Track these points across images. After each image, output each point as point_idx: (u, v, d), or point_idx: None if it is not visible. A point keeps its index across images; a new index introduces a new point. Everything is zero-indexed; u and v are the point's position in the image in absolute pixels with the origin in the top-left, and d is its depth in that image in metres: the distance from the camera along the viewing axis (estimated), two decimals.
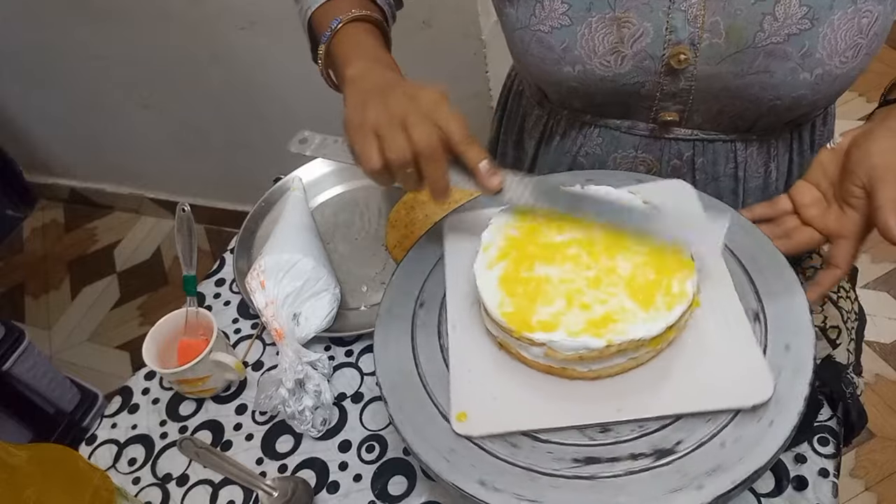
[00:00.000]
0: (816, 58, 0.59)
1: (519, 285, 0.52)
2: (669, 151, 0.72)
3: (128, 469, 0.71)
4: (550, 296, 0.51)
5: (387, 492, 0.64)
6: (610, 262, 0.52)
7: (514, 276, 0.53)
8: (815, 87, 0.61)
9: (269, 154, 1.75)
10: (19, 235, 2.31)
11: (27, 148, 2.16)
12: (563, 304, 0.51)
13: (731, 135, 0.70)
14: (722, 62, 0.62)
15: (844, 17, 0.58)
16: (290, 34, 1.40)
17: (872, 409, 1.47)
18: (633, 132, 0.72)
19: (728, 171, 0.73)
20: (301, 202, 0.87)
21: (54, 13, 1.61)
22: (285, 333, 0.71)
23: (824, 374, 0.60)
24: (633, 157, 0.73)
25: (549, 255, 0.54)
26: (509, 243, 0.56)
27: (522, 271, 0.53)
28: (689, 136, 0.70)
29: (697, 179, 0.73)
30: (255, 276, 0.74)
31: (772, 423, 0.47)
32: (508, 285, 0.53)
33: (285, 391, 0.67)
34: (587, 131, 0.75)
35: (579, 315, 0.50)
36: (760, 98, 0.63)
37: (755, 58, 0.60)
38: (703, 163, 0.72)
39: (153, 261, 2.13)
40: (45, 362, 1.52)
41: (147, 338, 0.72)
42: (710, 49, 0.61)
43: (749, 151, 0.71)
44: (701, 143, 0.71)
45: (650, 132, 0.71)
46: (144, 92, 1.74)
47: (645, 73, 0.65)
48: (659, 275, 0.51)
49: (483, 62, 1.30)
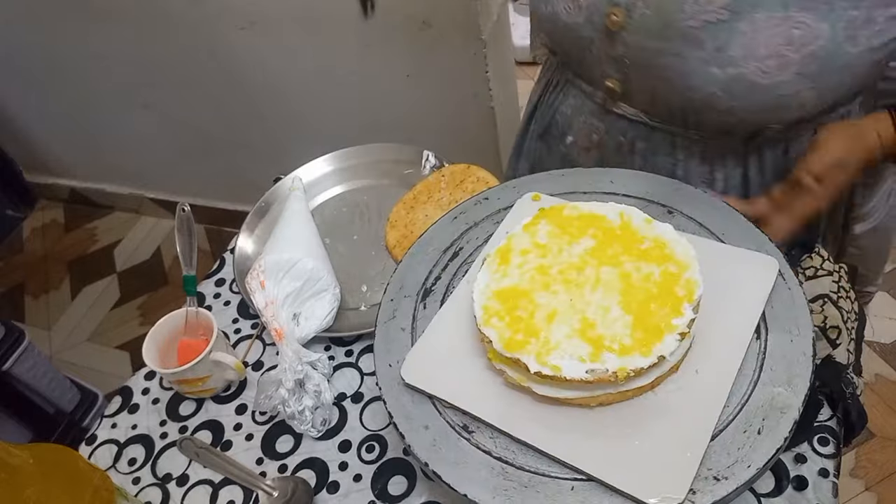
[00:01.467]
0: (729, 55, 0.58)
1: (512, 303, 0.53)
2: (616, 127, 0.74)
3: (128, 469, 0.71)
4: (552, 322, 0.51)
5: (387, 492, 0.64)
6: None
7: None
8: (728, 88, 0.60)
9: (269, 154, 1.75)
10: (19, 235, 2.31)
11: (27, 148, 2.16)
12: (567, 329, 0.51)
13: (672, 126, 0.70)
14: (650, 36, 0.62)
15: (771, 20, 0.55)
16: (290, 34, 1.41)
17: (872, 409, 1.47)
18: (593, 98, 0.74)
19: (667, 164, 0.73)
20: (301, 202, 0.87)
21: (54, 13, 1.61)
22: (285, 333, 0.71)
23: (824, 374, 0.60)
24: (589, 123, 0.76)
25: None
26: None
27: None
28: (634, 117, 0.71)
29: (636, 164, 0.75)
30: (255, 276, 0.74)
31: (751, 447, 0.46)
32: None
33: (285, 391, 0.67)
34: (566, 88, 0.78)
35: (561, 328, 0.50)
36: (676, 86, 0.63)
37: (674, 38, 0.60)
38: (643, 148, 0.73)
39: (153, 261, 2.13)
40: (45, 362, 1.52)
41: (147, 338, 0.72)
42: (641, 19, 0.62)
43: (691, 152, 0.71)
44: (644, 126, 0.71)
45: (603, 101, 0.73)
46: (144, 92, 1.74)
47: (594, 28, 0.66)
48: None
49: (483, 62, 1.30)
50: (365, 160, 0.94)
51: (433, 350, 0.56)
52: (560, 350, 0.49)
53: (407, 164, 0.91)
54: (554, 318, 0.51)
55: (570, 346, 0.49)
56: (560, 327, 0.50)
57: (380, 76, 1.39)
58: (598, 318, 0.50)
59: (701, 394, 0.50)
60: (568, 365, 0.48)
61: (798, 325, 0.52)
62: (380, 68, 1.37)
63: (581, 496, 0.47)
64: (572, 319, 0.50)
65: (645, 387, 0.50)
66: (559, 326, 0.50)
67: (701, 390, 0.50)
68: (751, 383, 0.50)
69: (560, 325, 0.50)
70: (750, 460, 0.46)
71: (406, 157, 0.92)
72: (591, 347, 0.49)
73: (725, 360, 0.51)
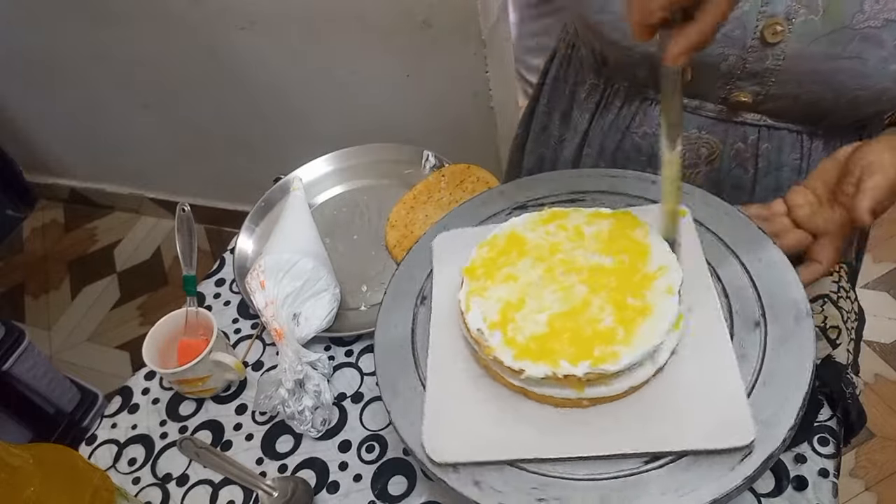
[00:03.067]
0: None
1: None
2: (734, 134, 0.70)
3: (128, 469, 0.71)
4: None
5: (387, 492, 0.64)
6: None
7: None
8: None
9: (269, 154, 1.75)
10: (19, 235, 2.31)
11: (27, 148, 2.16)
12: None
13: (799, 125, 0.68)
14: (815, 42, 0.59)
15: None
16: (290, 34, 1.41)
17: (872, 409, 1.47)
18: (699, 112, 0.70)
19: (792, 161, 0.71)
20: (301, 202, 0.87)
21: (54, 14, 1.61)
22: (285, 333, 0.71)
23: (824, 374, 0.60)
24: (696, 137, 0.71)
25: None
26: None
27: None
28: (757, 122, 0.68)
29: (760, 167, 0.71)
30: (255, 276, 0.74)
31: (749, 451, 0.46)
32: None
33: (285, 391, 0.67)
34: (647, 108, 0.72)
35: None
36: (845, 86, 0.61)
37: (850, 40, 0.58)
38: (767, 149, 0.70)
39: (153, 261, 2.13)
40: (45, 362, 1.52)
41: (147, 338, 0.72)
42: (804, 25, 0.59)
43: (815, 144, 0.70)
44: (767, 129, 0.69)
45: (717, 113, 0.69)
46: (144, 92, 1.74)
47: (732, 44, 0.62)
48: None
49: (483, 62, 1.30)
50: (365, 160, 0.94)
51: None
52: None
53: (407, 164, 0.91)
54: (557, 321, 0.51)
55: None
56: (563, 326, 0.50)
57: (380, 76, 1.39)
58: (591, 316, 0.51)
59: (707, 350, 0.51)
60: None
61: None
62: (380, 68, 1.37)
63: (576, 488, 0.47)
64: (570, 320, 0.51)
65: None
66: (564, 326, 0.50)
67: (703, 347, 0.51)
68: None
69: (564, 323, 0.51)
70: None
71: (406, 157, 0.92)
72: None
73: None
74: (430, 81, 1.37)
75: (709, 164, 0.73)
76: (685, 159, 0.73)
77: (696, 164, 0.73)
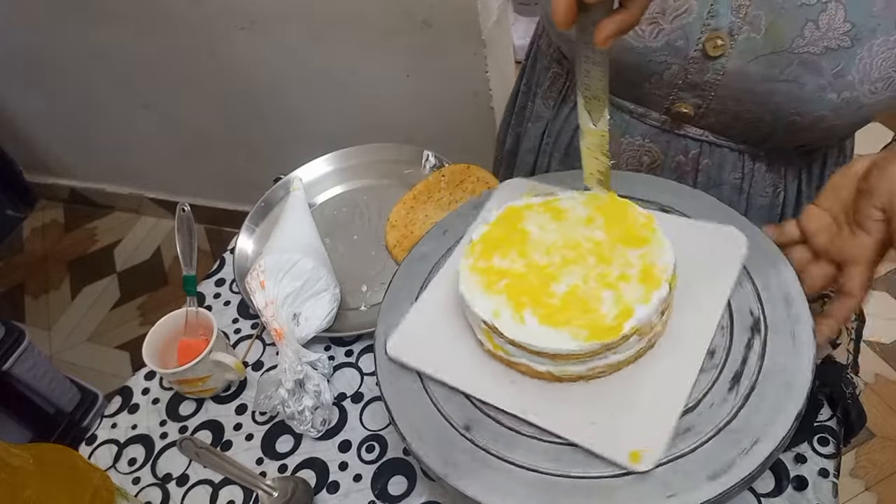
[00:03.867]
0: (848, 80, 0.58)
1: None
2: (676, 146, 0.71)
3: (128, 469, 0.71)
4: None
5: (387, 492, 0.64)
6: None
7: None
8: (838, 110, 0.60)
9: (269, 154, 1.75)
10: (19, 235, 2.32)
11: (27, 148, 2.16)
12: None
13: (741, 144, 0.69)
14: (755, 60, 0.60)
15: (885, 44, 0.56)
16: (290, 34, 1.41)
17: (872, 409, 1.47)
18: (644, 120, 0.71)
19: (733, 179, 0.71)
20: (301, 202, 0.87)
21: (54, 14, 1.61)
22: (285, 333, 0.71)
23: (824, 374, 0.60)
24: (640, 145, 0.72)
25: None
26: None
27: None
28: (699, 136, 0.69)
29: (699, 181, 0.72)
30: (255, 276, 0.74)
31: (747, 451, 0.46)
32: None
33: (285, 391, 0.67)
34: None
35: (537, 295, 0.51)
36: (782, 109, 0.61)
37: (789, 64, 0.59)
38: (707, 164, 0.71)
39: (153, 261, 2.14)
40: (45, 362, 1.52)
41: (147, 338, 0.72)
42: (746, 42, 0.60)
43: (757, 166, 0.70)
44: (709, 144, 0.69)
45: (661, 123, 0.70)
46: (144, 92, 1.74)
47: (675, 53, 0.63)
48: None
49: (483, 62, 1.30)
50: (365, 160, 0.94)
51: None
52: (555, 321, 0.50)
53: (407, 164, 0.91)
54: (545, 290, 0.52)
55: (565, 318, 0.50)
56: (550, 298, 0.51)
57: (380, 76, 1.39)
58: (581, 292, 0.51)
59: (678, 355, 0.51)
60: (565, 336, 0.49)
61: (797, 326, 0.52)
62: (380, 68, 1.37)
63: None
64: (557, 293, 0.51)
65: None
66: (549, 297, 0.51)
67: (677, 351, 0.51)
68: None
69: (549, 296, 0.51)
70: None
71: (406, 157, 0.92)
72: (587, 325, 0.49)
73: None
74: (430, 81, 1.37)
75: (650, 172, 0.73)
76: (627, 165, 0.74)
77: (637, 170, 0.74)
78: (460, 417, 0.52)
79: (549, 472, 0.48)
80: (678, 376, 0.50)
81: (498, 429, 0.51)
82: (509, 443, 0.50)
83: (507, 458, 0.49)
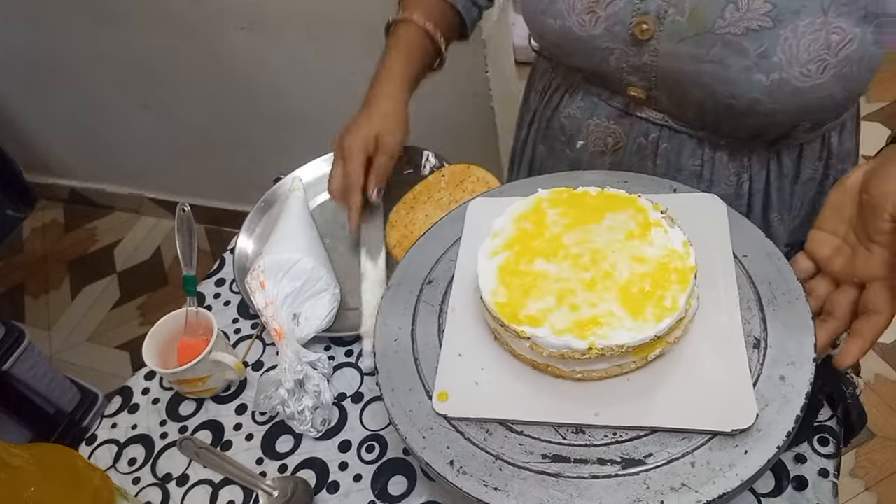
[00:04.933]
0: (773, 61, 0.58)
1: (516, 277, 0.53)
2: (638, 129, 0.73)
3: (128, 469, 0.71)
4: (543, 292, 0.51)
5: (387, 492, 0.64)
6: (610, 267, 0.52)
7: (514, 268, 0.54)
8: (771, 93, 0.60)
9: (269, 154, 1.75)
10: (19, 235, 2.32)
11: (27, 148, 2.16)
12: (553, 301, 0.51)
13: (700, 130, 0.70)
14: (682, 42, 0.62)
15: (812, 26, 0.56)
16: (290, 34, 1.41)
17: (872, 409, 1.47)
18: (610, 103, 0.73)
19: (692, 165, 0.72)
20: (301, 202, 0.87)
21: (54, 14, 1.62)
22: (285, 333, 0.71)
23: (824, 374, 0.60)
24: (605, 126, 0.75)
25: (552, 251, 0.54)
26: (518, 234, 0.56)
27: (522, 264, 0.54)
28: (658, 120, 0.71)
29: (658, 165, 0.73)
30: (255, 276, 0.74)
31: (747, 451, 0.46)
32: (506, 276, 0.53)
33: (285, 391, 0.67)
34: (573, 91, 0.77)
35: (567, 315, 0.50)
36: (716, 92, 0.63)
37: (713, 45, 0.60)
38: (666, 149, 0.72)
39: (153, 261, 2.14)
40: (45, 362, 1.52)
41: (147, 338, 0.72)
42: (672, 25, 0.62)
43: (718, 154, 0.71)
44: (669, 129, 0.71)
45: (624, 106, 0.72)
46: (144, 92, 1.74)
47: (614, 38, 0.65)
48: (654, 287, 0.50)
49: (483, 62, 1.30)
50: None
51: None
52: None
53: (407, 164, 0.91)
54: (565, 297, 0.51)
55: (559, 317, 0.50)
56: (560, 308, 0.51)
57: None
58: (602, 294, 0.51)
59: (717, 334, 0.52)
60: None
61: (799, 359, 0.52)
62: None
63: (542, 484, 0.48)
64: (570, 298, 0.51)
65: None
66: (560, 309, 0.51)
67: (714, 330, 0.52)
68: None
69: (557, 301, 0.51)
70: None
71: (406, 157, 0.92)
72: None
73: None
74: (430, 81, 1.36)
75: (614, 153, 0.76)
76: (594, 146, 0.77)
77: (603, 151, 0.77)
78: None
79: (515, 464, 0.49)
80: (723, 348, 0.51)
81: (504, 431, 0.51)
82: (504, 440, 0.50)
83: (479, 443, 0.50)
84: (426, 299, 0.60)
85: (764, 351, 0.51)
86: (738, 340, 0.51)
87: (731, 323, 0.52)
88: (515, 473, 0.48)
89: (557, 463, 0.48)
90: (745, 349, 0.51)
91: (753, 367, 0.50)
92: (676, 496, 0.45)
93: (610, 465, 0.48)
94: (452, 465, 0.49)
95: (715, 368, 0.50)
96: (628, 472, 0.47)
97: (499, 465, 0.49)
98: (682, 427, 0.48)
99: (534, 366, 0.53)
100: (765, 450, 0.46)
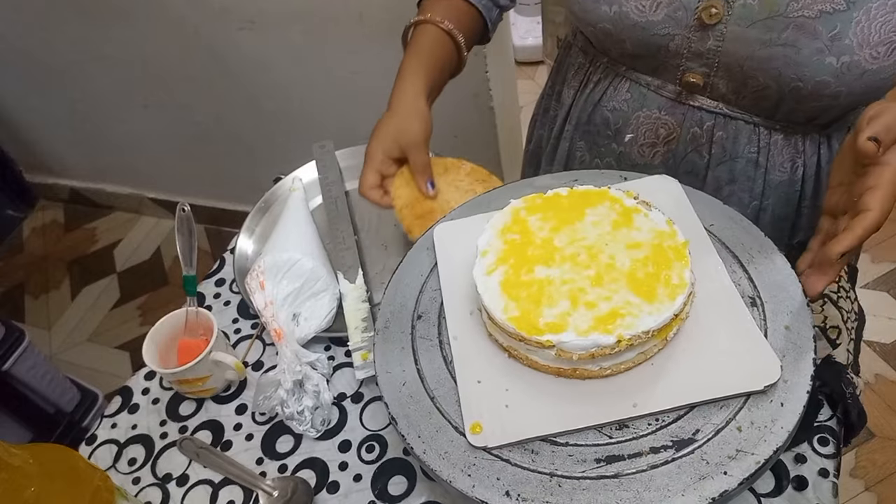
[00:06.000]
0: (845, 43, 0.58)
1: (521, 289, 0.52)
2: (692, 118, 0.72)
3: (128, 469, 0.71)
4: (554, 297, 0.51)
5: (387, 492, 0.64)
6: (608, 259, 0.53)
7: (515, 280, 0.53)
8: (840, 75, 0.60)
9: (269, 154, 1.75)
10: (19, 235, 2.32)
11: (27, 148, 2.16)
12: (567, 304, 0.50)
13: (755, 116, 0.69)
14: (752, 26, 0.61)
15: (883, 7, 0.57)
16: (290, 34, 1.41)
17: (872, 409, 1.47)
18: (661, 92, 0.72)
19: (748, 153, 0.71)
20: (301, 202, 0.87)
21: (54, 14, 1.61)
22: (285, 334, 0.71)
23: (824, 374, 0.60)
24: (656, 118, 0.74)
25: (548, 256, 0.54)
26: (507, 247, 0.55)
27: (523, 275, 0.53)
28: (713, 108, 0.70)
29: (713, 154, 0.72)
30: (255, 277, 0.74)
31: (783, 403, 0.47)
32: (510, 290, 0.52)
33: (284, 392, 0.67)
34: (618, 83, 0.75)
35: (586, 314, 0.50)
36: (784, 75, 0.62)
37: (784, 28, 0.60)
38: (722, 136, 0.71)
39: (153, 261, 2.14)
40: (45, 362, 1.52)
41: (147, 338, 0.72)
42: (742, 9, 0.61)
43: (773, 139, 0.70)
44: (724, 117, 0.70)
45: (676, 95, 0.71)
46: (144, 92, 1.74)
47: (676, 24, 0.65)
48: (657, 267, 0.51)
49: (483, 62, 1.30)
50: None
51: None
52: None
53: None
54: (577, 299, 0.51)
55: (579, 317, 0.50)
56: (577, 309, 0.51)
57: (380, 76, 1.39)
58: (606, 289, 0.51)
59: (717, 302, 0.54)
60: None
61: (794, 306, 0.54)
62: (380, 68, 1.37)
63: (606, 488, 0.47)
64: (582, 297, 0.51)
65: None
66: (577, 309, 0.51)
67: (713, 299, 0.54)
68: None
69: (571, 303, 0.51)
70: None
71: None
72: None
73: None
74: None
75: (666, 145, 0.75)
76: (645, 138, 0.75)
77: (654, 143, 0.75)
78: (461, 417, 0.52)
79: (572, 476, 0.48)
80: (727, 313, 0.53)
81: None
82: (528, 449, 0.50)
83: (528, 466, 0.49)
84: (421, 335, 0.58)
85: (762, 307, 0.53)
86: (738, 303, 0.53)
87: (725, 288, 0.54)
88: (575, 486, 0.47)
89: (613, 464, 0.47)
90: (748, 308, 0.52)
91: (759, 324, 0.52)
92: (736, 463, 0.45)
93: (664, 450, 0.47)
94: (509, 495, 0.47)
95: (728, 333, 0.52)
96: (683, 452, 0.47)
97: (556, 482, 0.47)
98: (719, 396, 0.48)
99: (559, 373, 0.52)
100: (797, 398, 0.48)
